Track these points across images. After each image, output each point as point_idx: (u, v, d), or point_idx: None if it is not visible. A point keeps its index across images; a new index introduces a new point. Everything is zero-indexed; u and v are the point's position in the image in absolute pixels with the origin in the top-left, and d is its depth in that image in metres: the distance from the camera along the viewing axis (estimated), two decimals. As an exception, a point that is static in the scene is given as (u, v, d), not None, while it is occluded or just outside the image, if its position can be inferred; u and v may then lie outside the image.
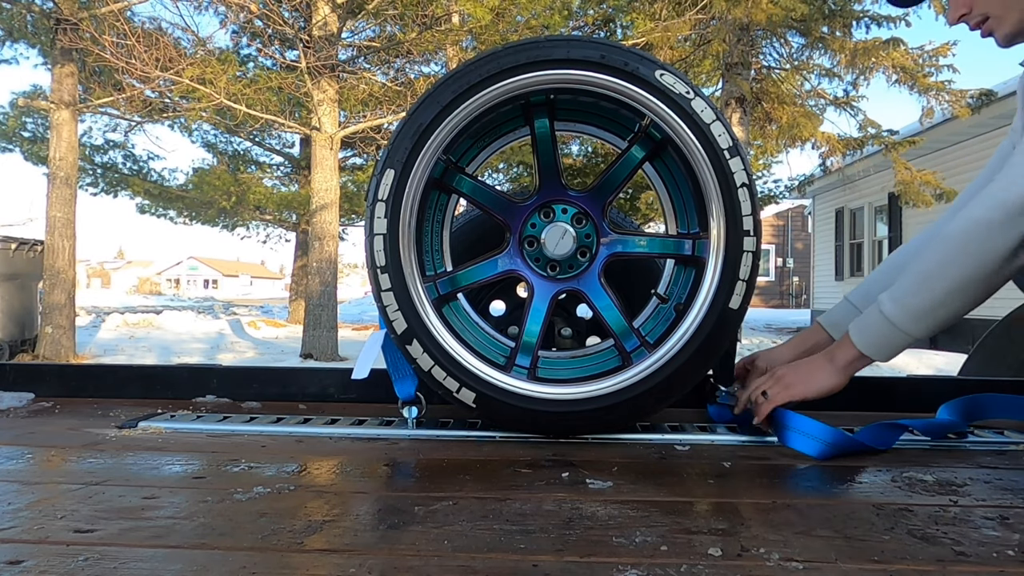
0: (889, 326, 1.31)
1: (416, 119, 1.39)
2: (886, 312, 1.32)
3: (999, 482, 1.19)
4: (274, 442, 1.41)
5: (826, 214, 18.34)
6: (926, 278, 1.29)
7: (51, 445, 1.36)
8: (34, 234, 10.54)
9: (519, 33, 10.29)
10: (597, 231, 1.50)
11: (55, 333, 9.10)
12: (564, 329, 1.97)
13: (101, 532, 0.90)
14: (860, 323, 1.37)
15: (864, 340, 1.35)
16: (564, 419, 1.41)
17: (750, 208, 1.40)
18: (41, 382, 1.86)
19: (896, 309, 1.31)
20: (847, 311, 1.56)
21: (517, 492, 1.09)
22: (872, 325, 1.34)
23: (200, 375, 1.87)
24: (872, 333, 1.34)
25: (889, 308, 1.31)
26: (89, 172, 14.34)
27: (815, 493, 1.14)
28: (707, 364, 1.43)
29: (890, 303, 1.32)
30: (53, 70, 9.37)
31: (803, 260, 29.45)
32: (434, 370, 1.41)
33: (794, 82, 11.49)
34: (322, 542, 0.87)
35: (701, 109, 1.39)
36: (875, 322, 1.34)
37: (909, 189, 10.65)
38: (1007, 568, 0.82)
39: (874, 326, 1.34)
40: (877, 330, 1.33)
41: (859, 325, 1.37)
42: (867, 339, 1.35)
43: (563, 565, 0.81)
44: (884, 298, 1.33)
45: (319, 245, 10.09)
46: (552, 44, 1.39)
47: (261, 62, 13.24)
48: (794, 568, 0.81)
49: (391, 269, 1.40)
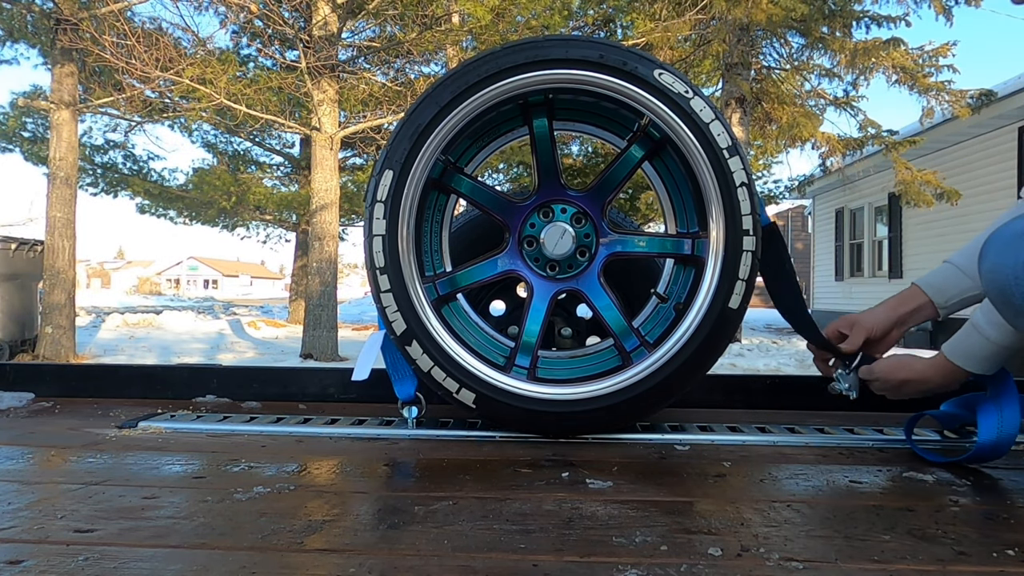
0: (987, 342, 1.29)
1: (415, 119, 1.39)
2: (982, 331, 1.29)
3: (999, 482, 1.19)
4: (274, 442, 1.41)
5: (826, 214, 18.33)
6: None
7: (51, 445, 1.36)
8: (34, 234, 10.56)
9: (519, 33, 10.29)
10: (596, 231, 1.50)
11: (55, 333, 9.10)
12: (564, 329, 1.97)
13: (101, 532, 0.90)
14: (955, 342, 1.35)
15: (966, 358, 1.33)
16: (564, 419, 1.41)
17: (749, 208, 1.40)
18: (41, 382, 1.86)
19: (992, 329, 1.28)
20: (949, 273, 1.48)
21: (517, 492, 1.09)
22: (970, 343, 1.32)
23: (200, 375, 1.87)
24: (970, 349, 1.32)
25: (987, 329, 1.29)
26: (89, 172, 14.34)
27: (815, 493, 1.14)
28: (707, 364, 1.43)
29: (986, 322, 1.29)
30: (53, 70, 9.37)
31: (803, 260, 29.42)
32: (434, 371, 1.41)
33: (794, 82, 11.49)
34: (322, 542, 0.87)
35: (700, 108, 1.39)
36: (974, 342, 1.32)
37: (910, 189, 10.65)
38: (1007, 568, 0.82)
39: (972, 344, 1.32)
40: (975, 346, 1.31)
41: (955, 345, 1.35)
42: (967, 356, 1.33)
43: (563, 565, 0.81)
44: (978, 317, 1.31)
45: (319, 245, 10.09)
46: (551, 44, 1.39)
47: (261, 62, 13.25)
48: (794, 568, 0.81)
49: (390, 270, 1.40)
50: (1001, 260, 1.11)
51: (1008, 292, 1.10)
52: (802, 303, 1.52)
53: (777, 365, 9.02)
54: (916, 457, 1.33)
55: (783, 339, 12.95)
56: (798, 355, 9.68)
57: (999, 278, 1.11)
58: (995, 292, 1.14)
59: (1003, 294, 1.12)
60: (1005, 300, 1.12)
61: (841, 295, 17.05)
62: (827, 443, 1.44)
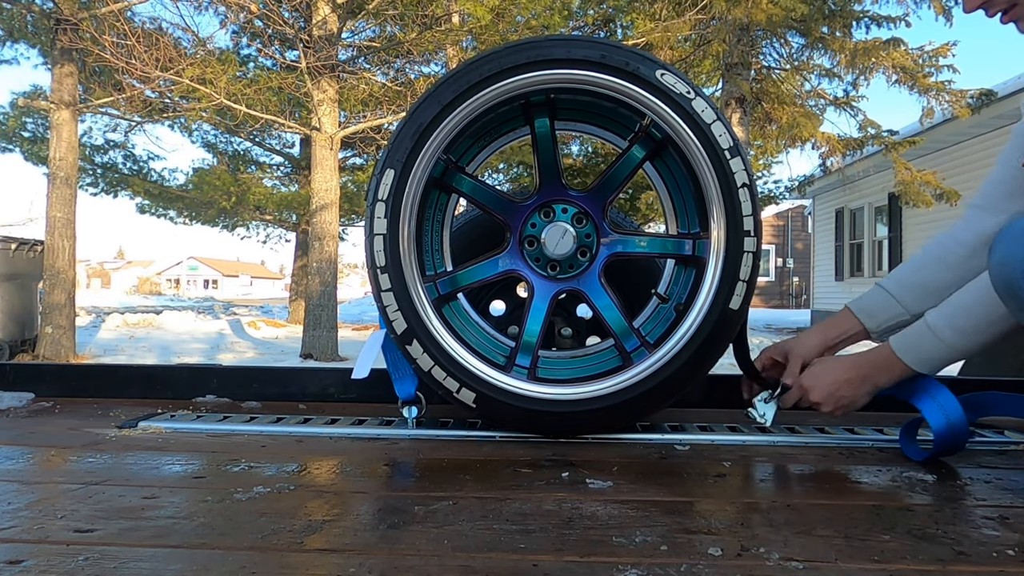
0: (942, 345, 1.29)
1: (416, 119, 1.39)
2: (938, 333, 1.29)
3: (999, 482, 1.19)
4: (274, 442, 1.41)
5: (826, 214, 18.33)
6: (973, 309, 1.26)
7: (51, 445, 1.36)
8: (34, 234, 10.55)
9: (519, 33, 10.28)
10: (597, 231, 1.50)
11: (55, 333, 9.10)
12: (564, 329, 1.97)
13: (101, 532, 0.90)
14: (906, 341, 1.34)
15: (917, 359, 1.32)
16: (564, 419, 1.41)
17: (751, 208, 1.40)
18: (41, 382, 1.86)
19: (949, 332, 1.28)
20: (880, 298, 1.50)
21: (517, 492, 1.09)
22: (924, 345, 1.32)
23: (200, 375, 1.87)
24: (923, 350, 1.32)
25: (944, 332, 1.29)
26: (89, 172, 14.34)
27: (815, 493, 1.14)
28: (707, 364, 1.43)
29: (943, 326, 1.29)
30: (53, 70, 9.36)
31: (803, 260, 29.44)
32: (434, 370, 1.41)
33: (794, 82, 11.48)
34: (322, 542, 0.87)
35: (702, 109, 1.39)
36: (928, 344, 1.31)
37: (909, 189, 10.64)
38: (1007, 568, 0.82)
39: (926, 345, 1.31)
40: (929, 348, 1.31)
41: (906, 343, 1.34)
42: (918, 356, 1.32)
43: (563, 565, 0.81)
44: (935, 319, 1.31)
45: (319, 245, 10.09)
46: (553, 44, 1.39)
47: (261, 62, 13.24)
48: (794, 568, 0.81)
49: (391, 269, 1.40)
50: (1011, 253, 1.11)
51: (1016, 286, 1.10)
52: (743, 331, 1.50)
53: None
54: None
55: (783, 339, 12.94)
56: (798, 355, 9.66)
57: (1007, 271, 1.11)
58: (1002, 285, 1.14)
59: (1010, 287, 1.11)
60: (1012, 293, 1.12)
61: (841, 295, 17.05)
62: (827, 443, 1.44)
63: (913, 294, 1.43)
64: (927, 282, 1.42)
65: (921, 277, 1.43)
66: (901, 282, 1.47)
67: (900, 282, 1.47)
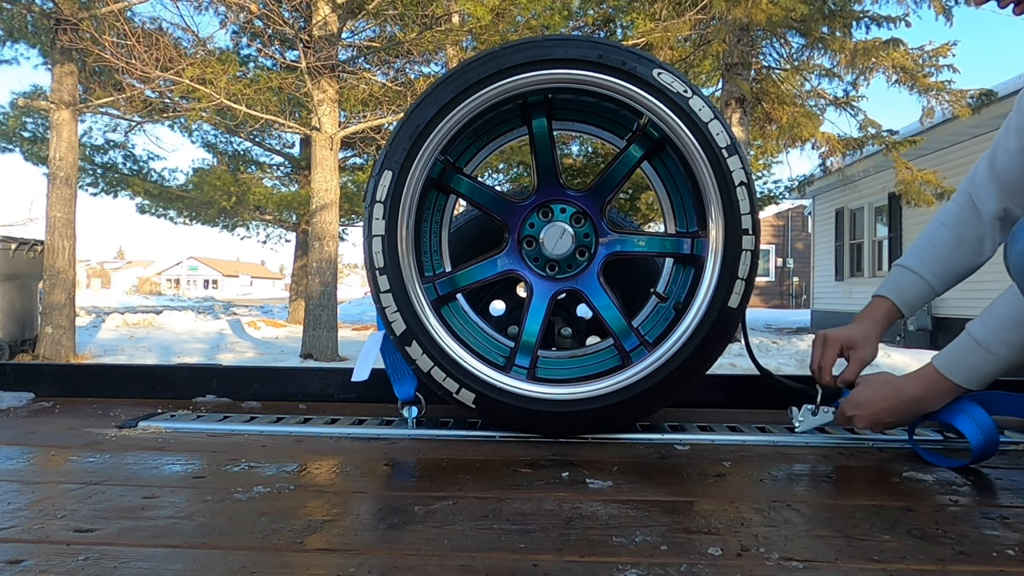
0: (995, 359, 1.27)
1: (414, 120, 1.39)
2: (990, 348, 1.27)
3: (999, 482, 1.19)
4: (274, 442, 1.41)
5: (826, 214, 18.33)
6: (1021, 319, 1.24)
7: (51, 445, 1.36)
8: (34, 234, 10.55)
9: (519, 33, 10.29)
10: (596, 230, 1.50)
11: (55, 333, 9.09)
12: (564, 329, 1.97)
13: (101, 532, 0.90)
14: (951, 359, 1.31)
15: (968, 377, 1.30)
16: (564, 419, 1.41)
17: (749, 207, 1.40)
18: (41, 382, 1.86)
19: (1002, 346, 1.26)
20: (908, 279, 1.48)
21: (517, 492, 1.09)
22: (971, 361, 1.29)
23: (200, 375, 1.87)
24: (972, 366, 1.29)
25: (996, 346, 1.27)
26: (89, 172, 14.34)
27: (815, 493, 1.14)
28: (707, 363, 1.43)
29: (994, 340, 1.27)
30: (53, 70, 9.36)
31: (803, 260, 29.45)
32: (433, 371, 1.41)
33: (794, 82, 11.48)
34: (322, 542, 0.87)
35: (699, 108, 1.39)
36: (977, 359, 1.29)
37: (910, 189, 10.65)
38: (1007, 568, 0.82)
39: (974, 361, 1.29)
40: (979, 363, 1.29)
41: (951, 362, 1.31)
42: (969, 374, 1.30)
43: (563, 565, 0.81)
44: (982, 334, 1.28)
45: (319, 245, 10.09)
46: (550, 44, 1.39)
47: (261, 62, 13.24)
48: (794, 568, 0.81)
49: (389, 270, 1.40)
50: None
51: None
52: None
53: (777, 365, 9.01)
54: (916, 457, 1.33)
55: (783, 339, 12.95)
56: (798, 355, 9.68)
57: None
58: (1023, 276, 1.13)
59: None
60: None
61: (841, 295, 17.05)
62: (827, 443, 1.43)
63: (936, 272, 1.46)
64: (946, 261, 1.45)
65: (938, 255, 1.45)
66: (923, 260, 1.48)
67: (922, 260, 1.48)
